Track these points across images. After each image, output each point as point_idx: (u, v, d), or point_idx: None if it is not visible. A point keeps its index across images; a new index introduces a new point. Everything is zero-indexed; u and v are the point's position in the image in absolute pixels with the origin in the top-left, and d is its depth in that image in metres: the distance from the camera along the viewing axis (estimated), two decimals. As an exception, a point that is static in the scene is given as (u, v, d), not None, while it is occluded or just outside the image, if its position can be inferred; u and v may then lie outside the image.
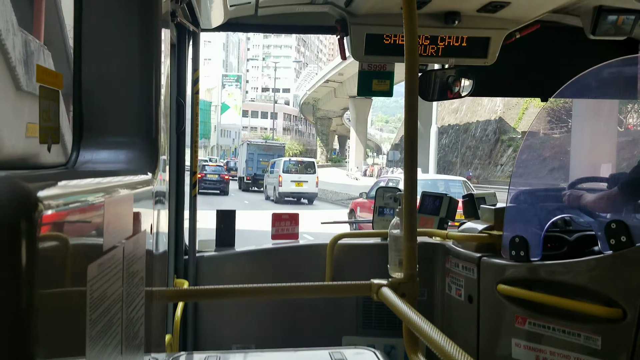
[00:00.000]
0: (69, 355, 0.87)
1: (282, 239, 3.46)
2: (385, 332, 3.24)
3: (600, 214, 2.42)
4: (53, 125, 1.25)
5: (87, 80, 1.45)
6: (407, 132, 1.81)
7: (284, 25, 3.44)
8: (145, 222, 1.41)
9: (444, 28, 2.98)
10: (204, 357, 1.97)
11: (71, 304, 0.88)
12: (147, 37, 1.55)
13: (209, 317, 3.26)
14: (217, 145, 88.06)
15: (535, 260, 2.49)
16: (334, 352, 2.04)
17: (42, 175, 0.89)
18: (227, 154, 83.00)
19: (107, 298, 1.05)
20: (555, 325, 2.36)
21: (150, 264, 1.47)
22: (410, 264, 1.84)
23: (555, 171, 2.90)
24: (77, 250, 0.88)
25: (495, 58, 3.10)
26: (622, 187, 2.34)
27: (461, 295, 2.92)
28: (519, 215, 2.71)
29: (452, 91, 3.27)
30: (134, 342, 1.29)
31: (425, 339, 1.37)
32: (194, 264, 3.20)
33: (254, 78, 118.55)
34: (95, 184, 1.05)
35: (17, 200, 0.68)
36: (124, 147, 1.48)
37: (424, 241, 3.21)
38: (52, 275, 0.78)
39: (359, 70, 3.27)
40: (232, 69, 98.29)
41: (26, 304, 0.68)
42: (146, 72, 1.54)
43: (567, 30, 3.23)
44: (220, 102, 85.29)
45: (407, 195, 1.82)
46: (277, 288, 2.08)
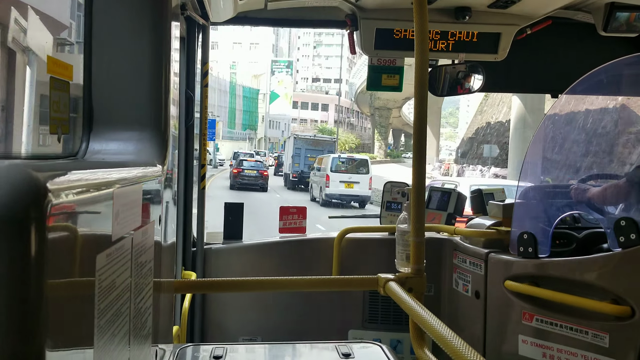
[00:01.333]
0: (77, 345, 0.88)
1: (289, 232, 3.47)
2: (391, 327, 3.24)
3: (609, 212, 2.41)
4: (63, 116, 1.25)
5: (97, 72, 1.46)
6: (417, 127, 1.81)
7: (294, 20, 3.43)
8: (153, 213, 1.42)
9: (455, 23, 2.97)
10: (211, 349, 1.98)
11: (80, 294, 0.89)
12: (157, 30, 1.55)
13: (216, 309, 3.27)
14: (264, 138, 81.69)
15: (544, 257, 2.48)
16: (340, 345, 2.04)
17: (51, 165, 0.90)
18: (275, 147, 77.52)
19: (116, 288, 1.06)
20: (562, 322, 2.35)
21: (158, 255, 1.48)
22: (418, 259, 1.84)
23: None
24: (86, 239, 0.89)
25: (505, 54, 3.08)
26: (630, 177, 2.32)
27: (468, 290, 2.91)
28: (528, 211, 2.70)
29: (462, 87, 3.25)
30: (141, 332, 1.30)
31: (432, 334, 1.37)
32: (202, 256, 3.21)
33: (304, 68, 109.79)
34: (105, 174, 1.06)
35: (27, 189, 0.68)
36: (133, 138, 1.49)
37: (431, 236, 3.20)
38: (61, 264, 0.78)
39: (369, 65, 3.26)
40: (282, 54, 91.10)
41: (35, 292, 0.69)
42: (156, 64, 1.55)
43: (578, 26, 3.21)
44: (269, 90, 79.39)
45: (415, 190, 1.81)
46: (284, 281, 2.09)
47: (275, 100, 77.89)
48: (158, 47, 1.55)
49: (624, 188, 2.35)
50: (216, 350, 1.96)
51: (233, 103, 72.49)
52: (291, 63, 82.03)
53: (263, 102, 79.76)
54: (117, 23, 1.49)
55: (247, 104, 75.91)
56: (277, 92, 77.81)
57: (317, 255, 3.31)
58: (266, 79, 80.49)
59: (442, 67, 3.32)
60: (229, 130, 69.93)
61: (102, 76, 1.46)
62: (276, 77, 78.35)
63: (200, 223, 3.20)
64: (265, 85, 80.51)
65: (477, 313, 2.83)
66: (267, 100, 79.77)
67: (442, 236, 3.24)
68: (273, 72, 78.51)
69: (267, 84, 79.78)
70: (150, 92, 1.54)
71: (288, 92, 79.32)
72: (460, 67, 3.23)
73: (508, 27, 3.01)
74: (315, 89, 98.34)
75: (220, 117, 62.13)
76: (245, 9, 3.12)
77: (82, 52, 1.45)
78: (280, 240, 3.41)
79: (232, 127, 71.73)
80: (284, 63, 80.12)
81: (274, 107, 78.61)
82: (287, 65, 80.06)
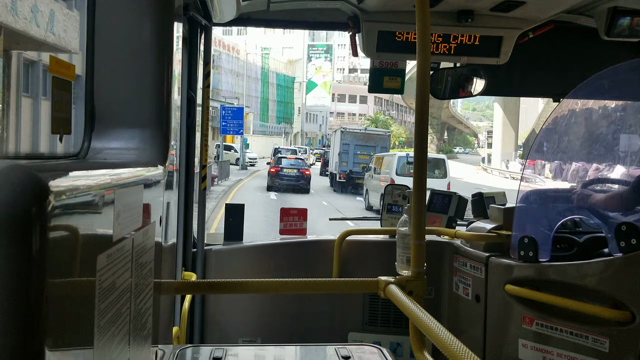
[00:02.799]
0: (77, 345, 0.88)
1: (290, 234, 3.47)
2: (391, 330, 3.24)
3: (610, 216, 2.40)
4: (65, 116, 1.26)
5: (99, 72, 1.46)
6: (418, 129, 1.81)
7: (296, 21, 3.43)
8: (154, 214, 1.42)
9: (457, 26, 2.97)
10: (210, 350, 1.98)
11: (80, 294, 0.89)
12: (159, 30, 1.56)
13: (216, 310, 3.27)
14: (301, 133, 72.05)
15: (544, 261, 2.48)
16: (340, 348, 2.04)
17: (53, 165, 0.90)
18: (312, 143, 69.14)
19: (116, 288, 1.05)
20: (562, 326, 2.35)
21: (159, 255, 1.48)
22: (418, 262, 1.83)
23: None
24: (87, 240, 0.89)
25: (507, 57, 3.08)
26: (635, 186, 2.32)
27: (468, 294, 2.91)
28: (529, 215, 2.70)
29: (465, 90, 3.25)
30: (141, 333, 1.30)
31: (432, 337, 1.37)
32: (202, 257, 3.21)
33: (340, 58, 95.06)
34: (106, 175, 1.06)
35: (28, 189, 0.68)
36: (134, 139, 1.49)
37: (432, 239, 3.20)
38: (62, 264, 0.78)
39: (370, 68, 3.27)
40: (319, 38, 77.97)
41: (36, 292, 0.69)
42: (158, 65, 1.55)
43: (580, 30, 3.20)
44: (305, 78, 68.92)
45: (416, 193, 1.81)
46: (284, 283, 2.09)
47: (313, 90, 67.55)
48: (160, 48, 1.55)
49: (631, 198, 2.34)
50: (216, 352, 1.96)
51: (265, 92, 64.33)
52: (330, 47, 69.56)
53: (299, 92, 70.81)
54: (120, 23, 1.49)
55: (282, 93, 68.34)
56: (314, 80, 67.37)
57: (318, 257, 3.31)
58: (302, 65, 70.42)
59: (444, 70, 3.32)
60: (261, 124, 62.50)
61: (104, 76, 1.46)
62: (313, 64, 68.33)
63: (200, 224, 3.20)
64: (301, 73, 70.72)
65: (477, 317, 2.83)
66: (304, 89, 69.61)
67: (443, 239, 3.24)
68: (310, 58, 68.58)
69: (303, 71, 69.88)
70: (152, 92, 1.54)
71: (327, 80, 67.85)
72: (462, 70, 3.23)
73: (510, 31, 3.01)
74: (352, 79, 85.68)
75: (250, 107, 54.16)
76: (247, 10, 3.12)
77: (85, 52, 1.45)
78: (280, 242, 3.41)
79: (264, 120, 63.79)
80: (322, 47, 68.99)
81: (311, 97, 68.56)
82: (326, 50, 68.74)
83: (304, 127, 71.96)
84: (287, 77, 70.89)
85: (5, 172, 0.67)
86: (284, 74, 70.18)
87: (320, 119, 74.53)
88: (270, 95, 65.78)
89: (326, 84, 68.50)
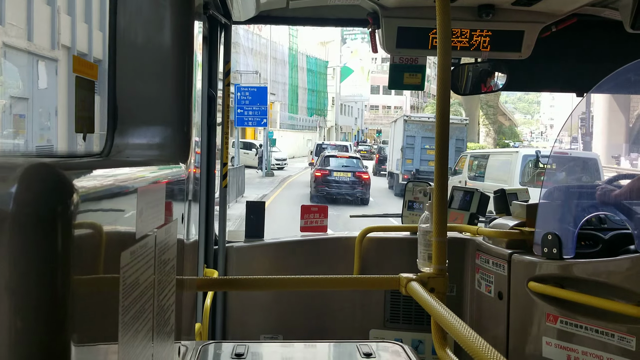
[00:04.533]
0: (102, 340, 0.89)
1: (311, 231, 3.47)
2: (413, 327, 3.22)
3: (637, 212, 2.36)
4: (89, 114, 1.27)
5: (122, 71, 1.47)
6: (439, 125, 1.79)
7: (315, 18, 3.43)
8: (176, 211, 1.43)
9: (478, 21, 2.94)
10: (232, 347, 1.99)
11: (105, 290, 0.90)
12: (180, 29, 1.57)
13: (238, 307, 3.29)
14: (335, 127, 59.76)
15: (568, 258, 2.45)
16: (362, 345, 2.04)
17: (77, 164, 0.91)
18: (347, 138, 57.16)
19: (139, 285, 1.07)
20: (588, 324, 2.32)
21: (181, 252, 1.49)
22: (440, 259, 1.82)
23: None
24: (111, 237, 0.90)
25: (529, 52, 3.04)
26: None
27: (491, 291, 2.88)
28: (552, 211, 2.67)
29: (486, 85, 3.22)
30: (164, 329, 1.31)
31: (454, 335, 1.36)
32: (224, 254, 3.23)
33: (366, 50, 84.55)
34: (129, 173, 1.07)
35: (54, 187, 0.69)
36: (156, 137, 1.50)
37: (453, 236, 3.18)
38: (87, 261, 0.79)
39: (390, 64, 3.25)
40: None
41: (62, 289, 0.70)
42: (179, 63, 1.56)
43: (605, 24, 3.15)
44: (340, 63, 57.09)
45: (438, 190, 1.80)
46: (305, 280, 2.09)
47: (348, 77, 55.64)
48: (181, 46, 1.56)
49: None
50: (238, 348, 1.97)
51: (294, 78, 51.30)
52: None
53: (332, 79, 57.45)
54: (141, 22, 1.50)
55: (313, 80, 54.84)
56: (350, 66, 55.79)
57: (338, 254, 3.31)
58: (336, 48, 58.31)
59: (464, 65, 3.29)
60: (290, 116, 50.69)
61: (126, 75, 1.47)
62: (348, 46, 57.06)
63: (222, 221, 3.22)
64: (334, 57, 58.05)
65: (500, 314, 2.80)
66: (338, 76, 56.74)
67: (465, 236, 3.21)
68: (344, 40, 58.44)
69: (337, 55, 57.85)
70: (174, 90, 1.55)
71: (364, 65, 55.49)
72: (483, 66, 3.19)
73: (532, 25, 2.97)
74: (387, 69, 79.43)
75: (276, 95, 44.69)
76: (267, 8, 3.13)
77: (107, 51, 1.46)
78: (301, 239, 3.41)
79: (293, 112, 51.56)
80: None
81: (346, 85, 56.27)
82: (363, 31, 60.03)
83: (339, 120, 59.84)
84: (319, 61, 56.33)
85: (31, 171, 0.68)
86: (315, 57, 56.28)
87: (355, 112, 63.43)
88: (299, 82, 52.66)
89: (364, 69, 55.59)
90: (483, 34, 2.99)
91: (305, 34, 55.03)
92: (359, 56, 55.51)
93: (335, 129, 59.84)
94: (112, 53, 1.46)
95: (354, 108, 64.13)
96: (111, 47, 1.46)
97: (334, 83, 57.67)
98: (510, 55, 3.06)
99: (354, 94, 57.20)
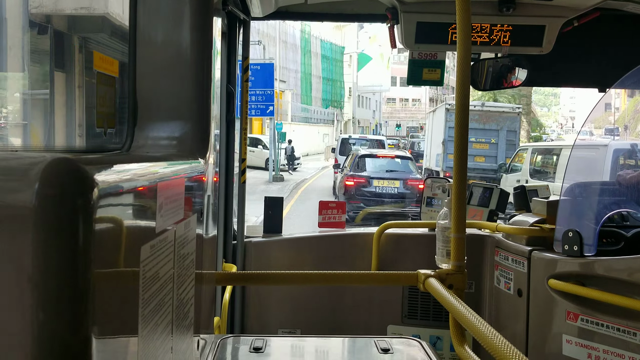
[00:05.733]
0: (122, 333, 0.90)
1: (329, 227, 3.47)
2: (430, 323, 3.21)
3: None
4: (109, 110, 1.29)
5: (141, 67, 1.49)
6: (459, 123, 1.78)
7: (334, 14, 3.42)
8: (195, 206, 1.44)
9: (498, 16, 2.91)
10: (251, 340, 2.01)
11: (125, 284, 0.91)
12: (200, 25, 1.57)
13: (256, 302, 3.31)
14: (352, 120, 53.44)
15: (589, 256, 2.41)
16: (379, 340, 2.04)
17: (98, 159, 0.92)
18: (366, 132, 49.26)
19: (159, 279, 1.08)
20: (609, 322, 2.29)
21: (200, 247, 1.50)
22: (459, 256, 1.81)
23: None
24: (131, 231, 0.91)
25: (551, 47, 3.00)
26: None
27: (510, 288, 2.86)
28: (573, 208, 2.63)
29: (507, 80, 3.19)
30: (184, 322, 1.32)
31: (473, 332, 1.35)
32: (242, 249, 3.25)
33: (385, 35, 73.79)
34: (149, 168, 1.08)
35: (75, 182, 0.70)
36: (175, 133, 1.51)
37: (472, 233, 3.16)
38: (108, 255, 0.80)
39: (409, 59, 3.23)
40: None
41: (83, 282, 0.71)
42: (198, 59, 1.57)
43: (628, 18, 3.09)
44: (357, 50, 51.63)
45: (457, 186, 1.79)
46: (323, 275, 2.09)
47: (366, 65, 49.23)
48: (200, 42, 1.57)
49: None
50: (256, 342, 1.98)
51: (307, 65, 45.21)
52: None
53: (349, 68, 51.76)
54: (161, 18, 1.52)
55: (329, 67, 48.96)
56: (368, 53, 49.56)
57: (356, 250, 3.31)
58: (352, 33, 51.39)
59: (484, 60, 3.26)
60: (302, 107, 44.79)
61: (146, 71, 1.49)
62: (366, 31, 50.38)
63: (240, 216, 3.24)
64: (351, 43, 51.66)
65: (520, 311, 2.78)
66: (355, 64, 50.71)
67: (484, 233, 3.19)
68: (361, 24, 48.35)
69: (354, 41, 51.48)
70: (193, 86, 1.56)
71: (384, 52, 48.47)
72: (503, 61, 3.16)
73: (554, 20, 2.93)
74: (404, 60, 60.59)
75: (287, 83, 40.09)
76: (285, 4, 3.13)
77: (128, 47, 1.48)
78: (319, 235, 3.42)
79: (307, 102, 45.36)
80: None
81: (364, 75, 49.87)
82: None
83: (356, 112, 53.47)
84: (334, 46, 50.09)
85: (52, 166, 0.69)
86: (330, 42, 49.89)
87: (373, 104, 57.04)
88: (313, 69, 46.29)
89: (383, 56, 48.85)
90: (503, 28, 2.96)
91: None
92: (378, 42, 48.73)
93: (353, 123, 53.69)
94: (132, 49, 1.47)
95: (371, 100, 58.34)
96: (131, 44, 1.47)
97: (351, 72, 51.86)
98: (531, 50, 3.02)
99: (373, 84, 51.00)
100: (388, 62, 50.93)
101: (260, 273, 2.22)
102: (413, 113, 65.23)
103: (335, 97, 50.41)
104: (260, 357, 1.91)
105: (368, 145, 21.68)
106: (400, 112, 65.83)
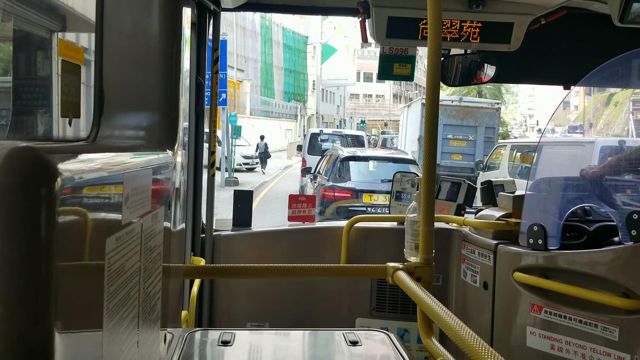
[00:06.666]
0: (86, 328, 0.88)
1: (298, 220, 3.47)
2: (398, 316, 3.24)
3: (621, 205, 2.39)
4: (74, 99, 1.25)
5: (108, 56, 1.45)
6: (429, 117, 1.79)
7: (306, 7, 3.41)
8: (163, 198, 1.42)
9: (468, 12, 2.94)
10: (219, 334, 1.99)
11: (89, 276, 0.89)
12: (168, 14, 1.55)
13: (225, 295, 3.29)
14: (316, 115, 50.74)
15: (553, 249, 2.47)
16: (348, 333, 2.05)
17: (62, 147, 0.90)
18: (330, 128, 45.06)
19: (125, 272, 1.06)
20: (571, 314, 2.34)
21: (167, 240, 1.48)
22: (427, 249, 1.83)
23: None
24: (96, 223, 0.89)
25: (519, 44, 3.05)
26: None
27: (476, 281, 2.91)
28: (538, 203, 2.69)
29: (476, 77, 3.23)
30: (150, 316, 1.30)
31: (440, 323, 1.37)
32: (211, 243, 3.22)
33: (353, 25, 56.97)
34: (115, 158, 1.06)
35: (38, 171, 0.68)
36: (143, 124, 1.49)
37: (440, 227, 3.20)
38: (71, 246, 0.78)
39: (380, 54, 3.24)
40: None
41: (45, 274, 0.69)
42: (167, 49, 1.54)
43: (594, 17, 3.16)
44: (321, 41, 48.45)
45: (426, 180, 1.81)
46: (292, 268, 2.09)
47: (331, 57, 46.46)
48: (169, 32, 1.54)
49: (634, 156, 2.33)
50: (224, 336, 1.97)
51: (268, 55, 42.19)
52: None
53: (313, 60, 48.62)
54: (129, 7, 1.48)
55: (291, 58, 45.90)
56: (332, 44, 46.77)
57: (326, 243, 3.32)
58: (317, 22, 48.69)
59: (454, 56, 3.29)
60: (263, 100, 41.86)
61: (113, 60, 1.45)
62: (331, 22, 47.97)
63: (209, 209, 3.21)
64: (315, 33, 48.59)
65: (485, 304, 2.83)
66: (319, 56, 48.05)
67: (451, 227, 3.23)
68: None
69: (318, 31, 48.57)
70: (161, 77, 1.54)
71: (350, 43, 46.86)
72: (472, 57, 3.20)
73: (522, 17, 2.98)
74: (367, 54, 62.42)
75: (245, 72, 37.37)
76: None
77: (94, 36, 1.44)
78: (289, 228, 3.42)
79: (268, 95, 42.60)
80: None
81: (328, 67, 47.17)
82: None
83: (320, 107, 50.77)
84: (297, 36, 46.46)
85: (13, 154, 0.67)
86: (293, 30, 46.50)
87: (337, 99, 54.99)
88: (274, 60, 43.28)
89: (348, 48, 46.88)
90: (473, 25, 2.99)
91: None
92: (343, 32, 46.57)
93: (317, 118, 50.59)
94: (98, 38, 1.44)
95: (335, 95, 55.61)
96: (98, 32, 1.44)
97: (315, 64, 48.57)
98: (499, 47, 3.06)
99: (337, 77, 48.13)
100: (354, 55, 48.83)
101: (229, 266, 2.21)
102: (377, 109, 65.04)
103: (298, 90, 47.12)
104: (228, 350, 1.90)
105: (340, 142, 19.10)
106: (364, 108, 64.94)
